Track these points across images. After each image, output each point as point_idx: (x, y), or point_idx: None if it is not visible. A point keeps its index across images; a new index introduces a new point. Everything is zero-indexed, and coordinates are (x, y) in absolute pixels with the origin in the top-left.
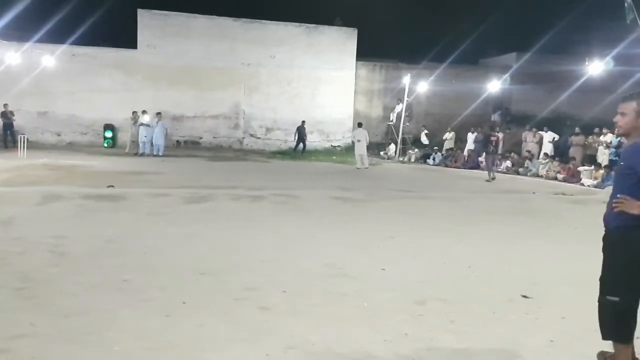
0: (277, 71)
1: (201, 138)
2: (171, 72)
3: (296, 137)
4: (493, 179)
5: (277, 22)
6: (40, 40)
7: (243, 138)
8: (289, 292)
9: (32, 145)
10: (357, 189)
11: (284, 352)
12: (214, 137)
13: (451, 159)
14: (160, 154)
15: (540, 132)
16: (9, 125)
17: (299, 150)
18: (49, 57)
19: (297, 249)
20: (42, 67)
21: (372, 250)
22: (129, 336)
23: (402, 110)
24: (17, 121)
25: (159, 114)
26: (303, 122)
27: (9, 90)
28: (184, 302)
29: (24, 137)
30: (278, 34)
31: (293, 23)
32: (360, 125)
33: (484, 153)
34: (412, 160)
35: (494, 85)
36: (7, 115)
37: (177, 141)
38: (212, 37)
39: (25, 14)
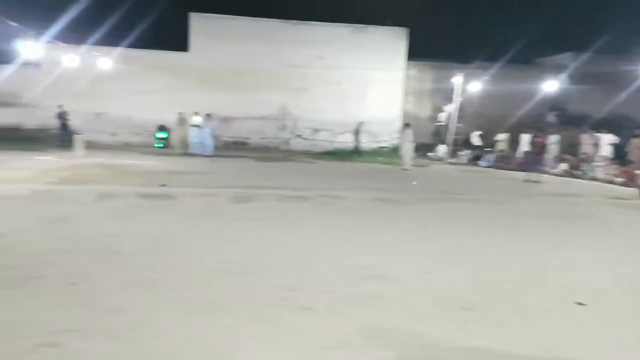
0: (324, 72)
1: (249, 139)
2: (221, 74)
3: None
4: (535, 181)
5: (325, 23)
6: (95, 43)
7: (290, 139)
8: (331, 293)
9: (89, 145)
10: (404, 190)
11: (324, 352)
12: (261, 138)
13: (504, 160)
14: (209, 154)
15: (597, 133)
16: (64, 126)
17: (358, 149)
18: (105, 60)
19: (340, 250)
20: (98, 69)
21: (416, 253)
22: (169, 334)
23: (453, 110)
24: (75, 122)
25: (208, 115)
26: (360, 122)
27: (67, 91)
28: (225, 301)
29: (81, 137)
30: (326, 35)
31: (341, 24)
32: (408, 125)
33: (530, 154)
34: (463, 161)
35: (550, 86)
36: (62, 116)
37: (226, 142)
38: (260, 39)
39: (80, 17)
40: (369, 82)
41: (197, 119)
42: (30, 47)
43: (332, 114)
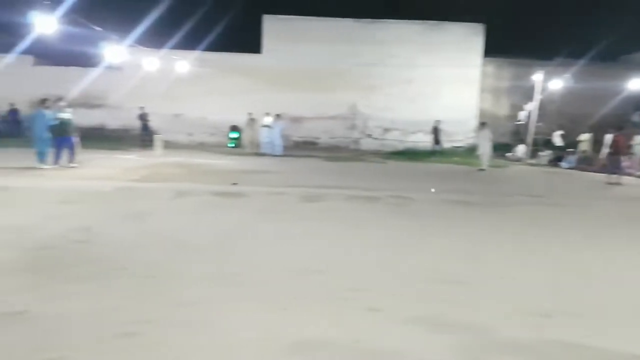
0: (396, 71)
1: (318, 138)
2: (292, 75)
3: (434, 137)
4: (617, 183)
5: (398, 20)
6: (173, 47)
7: (360, 138)
8: (398, 295)
9: (167, 145)
10: (479, 192)
11: (386, 354)
12: (331, 138)
13: (587, 161)
14: (279, 154)
15: None
16: (145, 126)
17: (438, 149)
18: (183, 63)
19: (410, 252)
20: (176, 72)
21: (490, 257)
22: (238, 328)
23: (533, 109)
24: (155, 122)
25: (278, 115)
26: (437, 120)
27: (147, 93)
28: (295, 298)
29: (160, 137)
30: (398, 33)
31: (414, 21)
32: (485, 124)
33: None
34: (543, 162)
35: (636, 84)
36: (143, 117)
37: (296, 142)
38: (332, 39)
39: (159, 22)
40: (443, 80)
41: (268, 119)
42: (114, 51)
43: (403, 112)
